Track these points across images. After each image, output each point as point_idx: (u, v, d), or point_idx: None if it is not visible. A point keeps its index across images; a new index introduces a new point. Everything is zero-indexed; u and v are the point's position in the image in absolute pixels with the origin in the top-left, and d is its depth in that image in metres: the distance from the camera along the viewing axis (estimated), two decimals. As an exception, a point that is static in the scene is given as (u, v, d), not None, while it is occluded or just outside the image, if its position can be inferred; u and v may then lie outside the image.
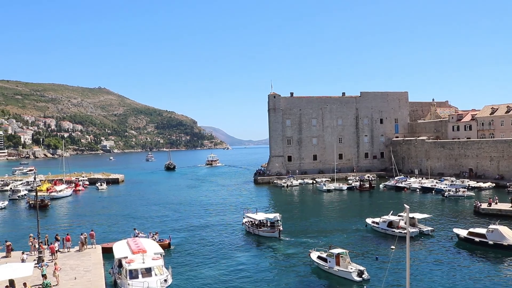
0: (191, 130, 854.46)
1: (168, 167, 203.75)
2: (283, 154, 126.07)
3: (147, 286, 30.98)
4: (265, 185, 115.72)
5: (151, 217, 71.69)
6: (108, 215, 74.37)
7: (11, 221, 72.84)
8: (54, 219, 72.57)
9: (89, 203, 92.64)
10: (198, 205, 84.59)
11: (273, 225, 54.67)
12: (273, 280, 37.63)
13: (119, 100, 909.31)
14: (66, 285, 32.33)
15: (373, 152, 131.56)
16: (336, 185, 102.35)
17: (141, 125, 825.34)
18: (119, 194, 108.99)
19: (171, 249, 48.05)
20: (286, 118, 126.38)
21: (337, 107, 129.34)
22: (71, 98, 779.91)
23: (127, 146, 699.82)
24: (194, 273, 40.13)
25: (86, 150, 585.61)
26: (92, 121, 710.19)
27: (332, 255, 38.23)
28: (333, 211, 74.48)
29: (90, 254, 41.53)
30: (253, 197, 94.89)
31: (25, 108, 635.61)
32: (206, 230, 59.24)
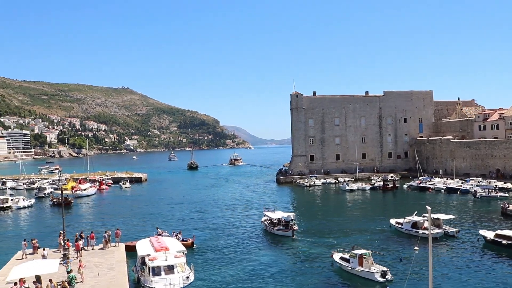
0: (213, 130, 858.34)
1: (190, 166, 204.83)
2: (305, 153, 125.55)
3: (170, 283, 31.26)
4: (287, 185, 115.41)
5: (174, 216, 72.11)
6: (131, 214, 75.09)
7: (37, 218, 74.17)
8: (78, 217, 73.61)
9: (113, 202, 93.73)
10: (220, 204, 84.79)
11: (287, 224, 54.82)
12: (295, 281, 37.39)
13: (142, 100, 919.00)
14: (91, 282, 32.76)
15: (396, 152, 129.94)
16: (359, 185, 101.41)
17: (164, 125, 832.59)
18: (142, 193, 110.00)
19: (194, 248, 48.12)
20: (309, 117, 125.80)
21: (360, 106, 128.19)
22: (95, 98, 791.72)
23: (150, 146, 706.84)
24: (216, 272, 40.18)
25: (110, 149, 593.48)
26: (116, 121, 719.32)
27: (355, 255, 37.84)
28: (356, 211, 73.83)
29: (113, 252, 41.97)
30: (275, 197, 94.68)
31: (51, 108, 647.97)
32: (228, 229, 59.31)
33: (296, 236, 53.25)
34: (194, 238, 50.23)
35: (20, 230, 62.96)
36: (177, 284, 31.43)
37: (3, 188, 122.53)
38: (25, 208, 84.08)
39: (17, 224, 69.40)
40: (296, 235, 53.74)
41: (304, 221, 66.01)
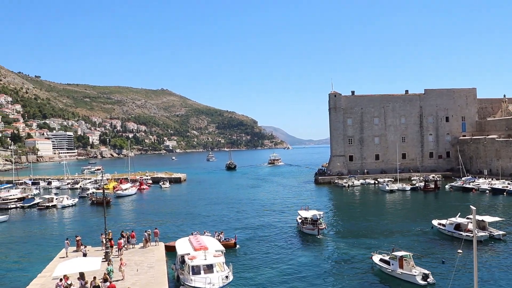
0: (251, 130, 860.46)
1: (229, 166, 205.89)
2: (344, 153, 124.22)
3: (209, 282, 31.47)
4: (325, 185, 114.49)
5: (212, 216, 72.61)
6: (170, 214, 76.08)
7: (80, 217, 76.20)
8: (119, 216, 75.09)
9: (152, 202, 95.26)
10: (258, 204, 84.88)
11: (314, 222, 55.12)
12: (334, 282, 36.97)
13: (181, 101, 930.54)
14: (131, 280, 33.32)
15: (438, 152, 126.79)
16: (399, 185, 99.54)
17: (203, 125, 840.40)
18: (181, 193, 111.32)
19: (236, 248, 48.19)
20: (347, 117, 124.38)
21: (400, 105, 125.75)
22: (135, 100, 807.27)
23: (189, 146, 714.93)
24: (254, 272, 40.22)
25: (150, 150, 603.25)
26: (155, 122, 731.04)
27: (395, 257, 37.08)
28: (396, 212, 72.49)
29: (153, 251, 42.58)
30: (313, 197, 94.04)
31: (93, 110, 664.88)
32: (266, 229, 59.30)
33: (321, 235, 53.69)
34: (236, 238, 50.23)
35: (63, 228, 64.90)
36: (217, 283, 31.59)
37: (49, 187, 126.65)
38: (68, 207, 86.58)
39: (61, 223, 71.52)
40: (324, 233, 54.44)
41: (343, 221, 65.40)
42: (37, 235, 61.05)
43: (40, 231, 63.71)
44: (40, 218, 76.90)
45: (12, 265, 45.57)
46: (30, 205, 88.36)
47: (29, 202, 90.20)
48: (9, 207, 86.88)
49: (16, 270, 43.29)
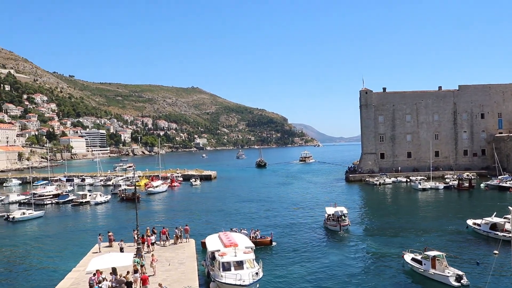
0: (281, 128, 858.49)
1: (259, 164, 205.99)
2: (375, 151, 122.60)
3: (240, 278, 31.58)
4: (356, 183, 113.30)
5: (242, 213, 72.80)
6: (201, 211, 76.61)
7: (112, 213, 77.64)
8: (150, 213, 76.08)
9: (183, 199, 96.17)
10: (288, 202, 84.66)
11: (338, 218, 55.65)
12: (365, 281, 36.56)
13: (212, 99, 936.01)
14: (162, 275, 33.77)
15: (473, 149, 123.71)
16: (432, 183, 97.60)
17: (233, 123, 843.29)
18: (211, 190, 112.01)
19: (272, 246, 47.99)
20: (379, 114, 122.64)
21: (433, 102, 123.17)
22: (166, 98, 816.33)
23: (219, 144, 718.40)
24: (284, 269, 40.18)
25: (181, 147, 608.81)
26: (186, 120, 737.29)
27: (428, 257, 36.34)
28: (429, 211, 71.13)
29: (184, 247, 42.97)
30: (343, 195, 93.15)
31: (125, 108, 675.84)
32: (296, 227, 59.10)
33: (344, 231, 54.14)
34: (272, 236, 49.98)
35: (96, 224, 66.20)
36: (247, 280, 31.70)
37: (82, 184, 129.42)
38: (101, 203, 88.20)
39: (94, 219, 72.99)
40: (346, 230, 54.92)
41: (373, 220, 64.64)
42: (71, 230, 62.47)
43: (74, 227, 65.19)
44: (74, 214, 78.68)
45: (47, 259, 46.79)
46: (65, 201, 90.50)
47: (63, 198, 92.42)
48: (45, 203, 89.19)
49: (51, 264, 44.42)
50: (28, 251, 50.54)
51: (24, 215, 71.35)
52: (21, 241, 56.39)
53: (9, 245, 54.20)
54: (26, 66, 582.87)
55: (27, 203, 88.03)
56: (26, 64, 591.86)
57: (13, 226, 67.08)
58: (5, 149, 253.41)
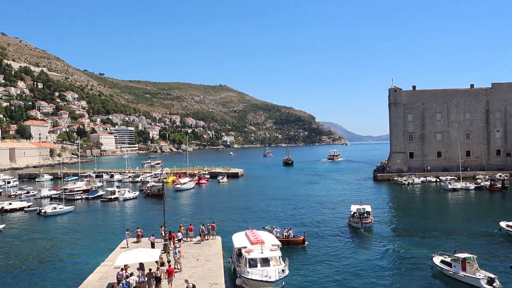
0: (309, 126, 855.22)
1: (286, 162, 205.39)
2: (404, 150, 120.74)
3: (266, 275, 31.66)
4: (384, 182, 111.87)
5: (269, 211, 72.68)
6: (228, 208, 76.80)
7: (140, 209, 78.50)
8: (178, 210, 76.63)
9: (210, 196, 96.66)
10: (315, 200, 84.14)
11: (361, 216, 55.87)
12: (393, 282, 36.00)
13: (239, 97, 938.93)
14: (188, 272, 33.99)
15: (506, 149, 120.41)
16: (463, 184, 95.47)
17: (260, 121, 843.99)
18: (238, 188, 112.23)
19: (305, 245, 47.52)
20: (408, 112, 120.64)
21: (465, 100, 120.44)
22: (194, 95, 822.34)
23: (247, 141, 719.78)
24: (310, 268, 39.97)
25: (208, 145, 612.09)
26: (213, 117, 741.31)
27: (458, 259, 35.48)
28: (459, 211, 69.63)
29: (210, 244, 43.14)
30: (371, 194, 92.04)
31: (153, 106, 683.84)
32: (321, 226, 58.67)
33: (365, 229, 54.28)
34: (305, 235, 49.50)
35: (125, 220, 67.10)
36: (273, 276, 31.77)
37: (111, 180, 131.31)
38: (130, 199, 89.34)
39: (123, 214, 73.99)
40: (367, 228, 54.95)
41: (401, 219, 63.66)
42: (100, 225, 63.51)
43: (103, 222, 66.27)
44: (103, 209, 79.92)
45: (77, 253, 47.70)
46: (94, 197, 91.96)
47: (93, 194, 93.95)
48: (75, 198, 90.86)
49: (80, 258, 45.24)
50: (59, 245, 51.62)
51: (55, 210, 72.87)
52: (52, 234, 57.65)
53: (41, 238, 55.52)
54: (58, 65, 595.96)
55: (58, 198, 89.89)
56: (58, 62, 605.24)
57: (45, 220, 68.58)
58: (37, 145, 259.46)
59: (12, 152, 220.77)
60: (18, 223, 66.74)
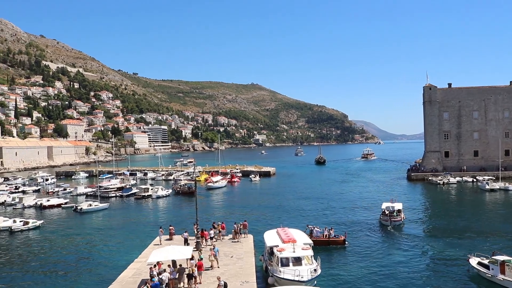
0: (341, 124, 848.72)
1: (318, 161, 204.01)
2: (439, 149, 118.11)
3: (298, 274, 31.48)
4: (419, 182, 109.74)
5: (301, 210, 72.26)
6: (260, 207, 76.77)
7: (173, 207, 79.30)
8: (210, 208, 77.02)
9: (242, 194, 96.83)
10: (346, 199, 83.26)
11: (390, 214, 56.31)
12: (426, 284, 35.22)
13: (271, 96, 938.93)
14: (220, 270, 34.09)
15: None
16: (501, 184, 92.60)
17: (292, 120, 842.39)
18: (270, 186, 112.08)
19: (346, 245, 46.73)
20: (443, 110, 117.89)
21: (504, 98, 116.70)
22: (226, 94, 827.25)
23: (279, 140, 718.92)
24: (342, 267, 39.59)
25: (240, 143, 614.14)
26: (245, 116, 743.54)
27: (496, 262, 34.38)
28: (497, 212, 67.58)
29: (242, 242, 43.16)
30: (405, 194, 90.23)
31: (186, 105, 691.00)
32: (353, 225, 57.88)
33: (393, 227, 54.58)
34: (346, 235, 48.77)
35: (158, 217, 67.89)
36: (305, 276, 31.58)
37: (145, 178, 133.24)
38: (163, 197, 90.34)
39: (156, 212, 74.87)
40: (396, 225, 55.19)
41: (436, 220, 62.30)
42: (134, 222, 64.43)
43: (136, 219, 67.19)
44: (136, 207, 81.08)
45: (111, 249, 48.55)
46: (128, 195, 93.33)
47: (127, 191, 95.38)
48: (110, 195, 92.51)
49: (114, 254, 46.04)
50: (94, 241, 52.66)
51: (91, 207, 74.40)
52: (87, 231, 58.86)
53: (77, 234, 56.78)
54: (94, 65, 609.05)
55: (93, 195, 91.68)
56: (93, 62, 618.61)
57: (81, 217, 70.07)
58: (74, 144, 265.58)
59: (50, 150, 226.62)
60: (55, 219, 68.46)
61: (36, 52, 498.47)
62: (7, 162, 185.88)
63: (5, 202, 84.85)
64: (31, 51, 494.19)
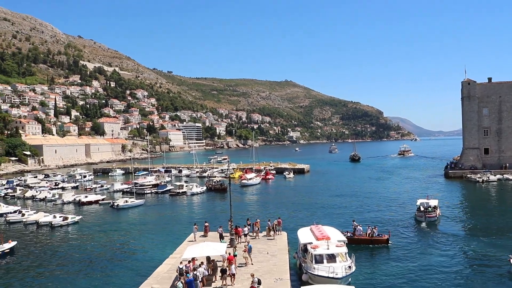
0: (376, 121, 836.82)
1: (353, 158, 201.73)
2: (478, 146, 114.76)
3: (333, 271, 31.27)
4: (456, 180, 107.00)
5: (335, 207, 71.61)
6: (294, 204, 76.42)
7: (207, 204, 79.83)
8: (244, 205, 77.16)
9: (276, 191, 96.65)
10: (381, 197, 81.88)
11: (425, 210, 56.47)
12: (465, 285, 34.33)
13: (305, 92, 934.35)
14: (254, 266, 34.09)
15: None
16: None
17: (326, 116, 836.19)
18: (304, 183, 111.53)
19: (389, 245, 45.64)
20: (483, 106, 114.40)
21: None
22: (260, 91, 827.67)
23: (313, 137, 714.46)
24: (376, 265, 39.12)
25: (274, 140, 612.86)
26: (279, 113, 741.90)
27: (539, 262, 33.27)
28: (540, 211, 65.35)
29: (276, 240, 43.03)
30: (442, 192, 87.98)
31: (220, 102, 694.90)
32: (389, 224, 56.73)
33: (427, 223, 54.83)
34: (390, 234, 47.65)
35: (192, 214, 68.48)
36: (340, 273, 31.34)
37: (179, 175, 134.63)
38: (197, 194, 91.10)
39: (190, 209, 75.57)
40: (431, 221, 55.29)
41: (476, 219, 60.53)
42: (169, 219, 65.20)
43: (171, 216, 67.97)
44: (171, 203, 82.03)
45: (147, 244, 49.24)
46: (163, 191, 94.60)
47: (162, 188, 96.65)
48: (145, 192, 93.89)
49: (150, 250, 46.69)
50: (129, 236, 53.61)
51: (127, 203, 75.70)
52: (123, 226, 59.94)
53: (113, 229, 57.92)
54: (129, 64, 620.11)
55: (129, 192, 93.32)
56: (129, 62, 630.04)
57: (117, 213, 71.40)
58: (110, 141, 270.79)
59: (87, 148, 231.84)
60: (93, 215, 70.02)
61: (74, 53, 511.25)
62: (47, 159, 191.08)
63: (46, 198, 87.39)
64: (70, 51, 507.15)
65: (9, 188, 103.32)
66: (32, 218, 63.95)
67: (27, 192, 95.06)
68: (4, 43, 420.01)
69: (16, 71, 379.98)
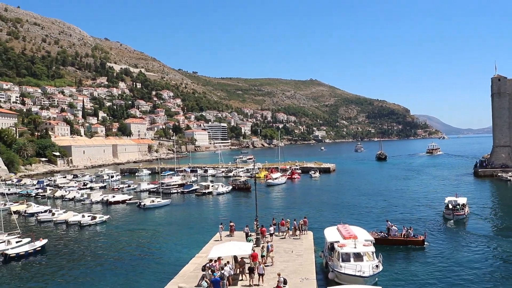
0: (403, 119, 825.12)
1: (379, 157, 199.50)
2: (509, 144, 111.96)
3: (360, 270, 31.14)
4: (486, 178, 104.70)
5: (361, 207, 70.83)
6: (320, 203, 76.06)
7: (233, 204, 80.00)
8: (269, 204, 76.96)
9: (302, 191, 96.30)
10: (408, 196, 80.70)
11: (454, 207, 56.05)
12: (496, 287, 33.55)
13: (330, 91, 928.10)
14: (280, 266, 33.95)
15: None
16: None
17: (352, 115, 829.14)
18: (330, 183, 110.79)
19: (425, 247, 44.43)
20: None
21: None
22: (285, 91, 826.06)
23: (338, 136, 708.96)
24: (404, 265, 38.64)
25: (299, 140, 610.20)
26: (304, 112, 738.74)
27: None
28: None
29: (302, 239, 42.79)
30: (471, 191, 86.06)
31: (245, 102, 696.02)
32: (416, 223, 55.66)
33: (455, 220, 54.56)
34: (426, 236, 46.41)
35: (218, 214, 68.67)
36: (367, 272, 31.18)
37: (205, 175, 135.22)
38: (223, 194, 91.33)
39: (216, 208, 75.86)
40: (459, 219, 54.97)
41: (506, 218, 59.15)
42: (195, 218, 65.57)
43: (197, 215, 68.36)
44: (197, 203, 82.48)
45: (173, 243, 49.69)
46: (189, 191, 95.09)
47: (188, 188, 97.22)
48: (171, 192, 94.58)
49: (176, 249, 47.08)
50: (156, 236, 54.13)
51: (153, 203, 76.42)
52: (150, 226, 60.55)
53: (140, 229, 58.59)
54: (155, 65, 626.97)
55: (155, 191, 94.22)
56: (154, 63, 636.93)
57: (144, 212, 72.17)
58: (137, 142, 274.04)
59: (114, 148, 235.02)
60: (120, 214, 70.93)
61: (101, 55, 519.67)
62: (76, 160, 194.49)
63: (75, 198, 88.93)
64: (97, 53, 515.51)
65: (40, 188, 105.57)
66: (62, 218, 65.16)
67: (56, 192, 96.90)
68: (34, 47, 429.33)
69: (46, 74, 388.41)
